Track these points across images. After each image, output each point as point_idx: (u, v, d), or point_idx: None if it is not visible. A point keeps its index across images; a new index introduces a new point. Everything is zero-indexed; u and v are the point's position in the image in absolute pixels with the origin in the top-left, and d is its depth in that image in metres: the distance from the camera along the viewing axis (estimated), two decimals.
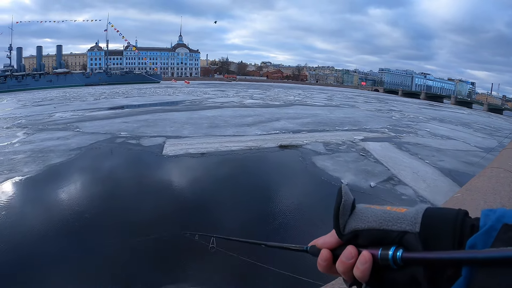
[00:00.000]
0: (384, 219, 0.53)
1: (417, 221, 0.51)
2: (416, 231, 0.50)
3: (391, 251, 0.50)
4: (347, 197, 0.57)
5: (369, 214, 0.55)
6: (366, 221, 0.55)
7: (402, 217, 0.52)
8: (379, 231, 0.53)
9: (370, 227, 0.54)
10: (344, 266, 0.54)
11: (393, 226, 0.52)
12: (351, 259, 0.54)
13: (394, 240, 0.51)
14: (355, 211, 0.57)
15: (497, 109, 68.75)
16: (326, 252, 0.59)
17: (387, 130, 18.13)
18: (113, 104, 28.34)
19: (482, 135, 20.92)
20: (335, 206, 0.58)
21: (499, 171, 5.68)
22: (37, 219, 6.60)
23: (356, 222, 0.56)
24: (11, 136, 13.81)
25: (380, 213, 0.55)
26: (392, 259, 0.49)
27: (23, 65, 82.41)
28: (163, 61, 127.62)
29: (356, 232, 0.55)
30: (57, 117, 19.83)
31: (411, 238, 0.50)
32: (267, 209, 7.39)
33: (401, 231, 0.51)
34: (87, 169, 9.82)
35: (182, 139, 13.39)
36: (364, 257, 0.52)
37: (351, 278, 0.55)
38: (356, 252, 0.54)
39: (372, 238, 0.54)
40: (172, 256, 5.54)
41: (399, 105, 43.46)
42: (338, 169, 9.94)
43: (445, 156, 12.46)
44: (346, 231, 0.56)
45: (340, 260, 0.55)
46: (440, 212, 0.51)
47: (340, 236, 0.57)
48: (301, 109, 27.07)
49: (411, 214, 0.52)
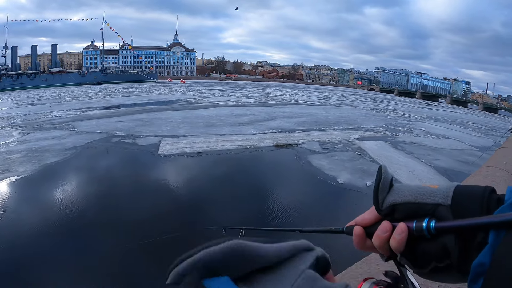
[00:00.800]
0: (419, 193, 0.57)
1: (449, 195, 0.54)
2: (448, 204, 0.53)
3: (425, 222, 0.53)
4: (386, 175, 0.61)
5: (405, 189, 0.59)
6: (403, 196, 0.58)
7: (436, 192, 0.56)
8: (414, 204, 0.56)
9: (406, 201, 0.57)
10: (380, 240, 0.58)
11: (427, 199, 0.56)
12: (386, 232, 0.57)
13: (428, 212, 0.55)
14: (392, 188, 0.60)
15: (492, 108, 69.16)
16: (358, 228, 0.62)
17: (383, 129, 18.21)
18: (109, 103, 28.23)
19: (478, 134, 21.08)
20: (375, 183, 0.61)
21: (494, 170, 5.73)
22: (33, 219, 6.57)
23: (393, 197, 0.59)
24: (6, 135, 13.72)
25: (415, 188, 0.58)
26: (426, 229, 0.53)
27: (18, 64, 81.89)
28: (159, 60, 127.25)
29: (393, 206, 0.58)
30: (53, 116, 19.73)
31: (443, 210, 0.54)
32: (263, 208, 7.40)
33: (435, 204, 0.55)
34: (82, 169, 9.78)
35: (178, 138, 13.37)
36: (401, 228, 0.55)
37: (387, 251, 0.58)
38: (391, 226, 0.57)
39: (408, 211, 0.57)
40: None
41: (395, 104, 43.63)
42: (334, 168, 9.96)
43: (440, 155, 12.53)
44: (385, 206, 0.59)
45: (376, 234, 0.58)
46: (470, 188, 0.54)
47: (378, 211, 0.60)
48: (297, 108, 27.12)
49: (443, 189, 0.55)
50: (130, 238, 5.98)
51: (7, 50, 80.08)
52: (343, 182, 8.81)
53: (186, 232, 6.04)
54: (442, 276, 0.55)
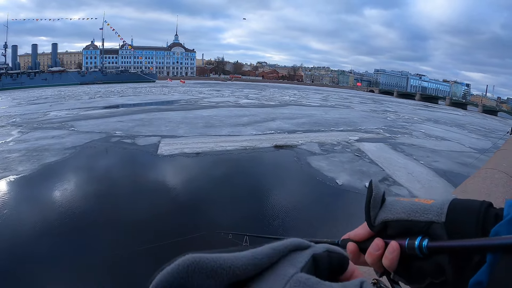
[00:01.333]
0: (412, 210, 0.55)
1: (443, 212, 0.52)
2: (442, 221, 0.52)
3: (417, 241, 0.52)
4: (377, 190, 0.59)
5: (398, 206, 0.57)
6: (395, 212, 0.57)
7: (429, 208, 0.54)
8: (407, 222, 0.55)
9: (399, 218, 0.56)
10: (373, 257, 0.57)
11: (420, 216, 0.54)
12: (378, 250, 0.56)
13: (421, 230, 0.53)
14: (385, 204, 0.59)
15: (492, 111, 69.20)
16: (352, 245, 0.61)
17: (382, 130, 18.22)
18: (108, 103, 28.21)
19: (477, 136, 21.09)
20: (367, 199, 0.59)
21: (493, 172, 5.72)
22: (32, 218, 6.56)
23: (386, 214, 0.58)
24: (5, 134, 13.71)
25: (409, 204, 0.57)
26: (418, 248, 0.51)
27: (18, 63, 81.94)
28: (159, 60, 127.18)
29: (386, 223, 0.57)
30: (52, 115, 19.71)
31: (437, 228, 0.52)
32: (262, 209, 7.40)
33: (428, 222, 0.53)
34: (82, 168, 9.77)
35: (177, 138, 13.36)
36: (392, 247, 0.54)
37: (381, 268, 0.57)
38: (383, 244, 0.56)
39: (401, 229, 0.56)
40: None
41: (394, 106, 43.65)
42: (333, 169, 9.96)
43: (439, 157, 12.54)
44: (377, 222, 0.58)
45: (369, 252, 0.58)
46: (465, 203, 0.53)
47: (371, 227, 0.59)
48: (296, 109, 27.12)
49: (438, 205, 0.54)
50: (130, 238, 5.98)
51: (7, 49, 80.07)
52: (342, 184, 8.82)
53: (187, 233, 6.03)
54: None
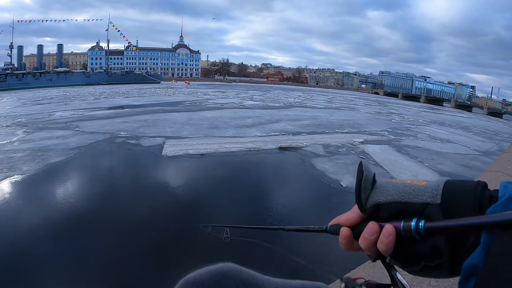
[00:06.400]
0: (406, 192, 0.54)
1: (438, 193, 0.51)
2: (437, 203, 0.51)
3: (413, 222, 0.51)
4: (367, 172, 0.58)
5: (390, 188, 0.56)
6: (388, 195, 0.56)
7: (423, 190, 0.53)
8: (400, 204, 0.54)
9: (392, 200, 0.55)
10: (367, 242, 0.56)
11: (414, 198, 0.53)
12: (374, 235, 0.55)
13: (416, 212, 0.52)
14: (376, 186, 0.58)
15: (497, 113, 68.93)
16: (345, 230, 0.60)
17: (387, 133, 18.13)
18: (113, 104, 28.30)
19: (482, 139, 20.94)
20: (357, 181, 0.58)
21: (498, 175, 5.68)
22: (36, 218, 6.58)
23: (377, 196, 0.56)
24: (10, 134, 13.79)
25: (401, 186, 0.56)
26: (415, 229, 0.50)
27: (24, 64, 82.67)
28: (164, 61, 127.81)
29: (378, 206, 0.56)
30: (57, 116, 19.80)
31: (432, 209, 0.51)
32: (266, 210, 7.38)
33: (423, 203, 0.52)
34: (86, 169, 9.81)
35: (182, 139, 13.37)
36: (388, 230, 0.53)
37: (375, 252, 0.56)
38: (378, 227, 0.55)
39: (394, 211, 0.55)
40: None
41: (399, 108, 43.51)
42: (337, 171, 9.93)
43: (444, 160, 12.46)
44: (368, 205, 0.57)
45: (363, 236, 0.56)
46: (460, 184, 0.51)
47: (362, 210, 0.58)
48: (301, 111, 27.09)
49: (432, 186, 0.53)
50: (134, 239, 5.98)
51: (12, 50, 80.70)
52: (347, 186, 8.78)
53: (186, 232, 6.03)
54: (433, 273, 0.53)
